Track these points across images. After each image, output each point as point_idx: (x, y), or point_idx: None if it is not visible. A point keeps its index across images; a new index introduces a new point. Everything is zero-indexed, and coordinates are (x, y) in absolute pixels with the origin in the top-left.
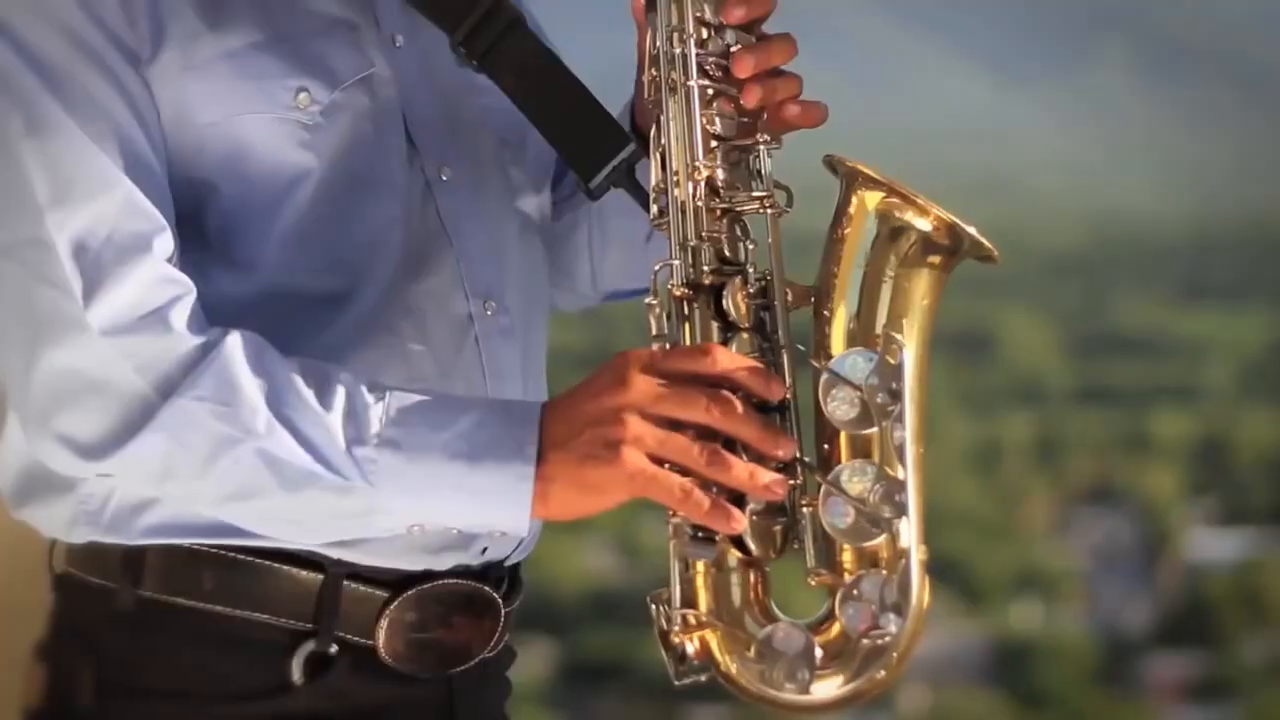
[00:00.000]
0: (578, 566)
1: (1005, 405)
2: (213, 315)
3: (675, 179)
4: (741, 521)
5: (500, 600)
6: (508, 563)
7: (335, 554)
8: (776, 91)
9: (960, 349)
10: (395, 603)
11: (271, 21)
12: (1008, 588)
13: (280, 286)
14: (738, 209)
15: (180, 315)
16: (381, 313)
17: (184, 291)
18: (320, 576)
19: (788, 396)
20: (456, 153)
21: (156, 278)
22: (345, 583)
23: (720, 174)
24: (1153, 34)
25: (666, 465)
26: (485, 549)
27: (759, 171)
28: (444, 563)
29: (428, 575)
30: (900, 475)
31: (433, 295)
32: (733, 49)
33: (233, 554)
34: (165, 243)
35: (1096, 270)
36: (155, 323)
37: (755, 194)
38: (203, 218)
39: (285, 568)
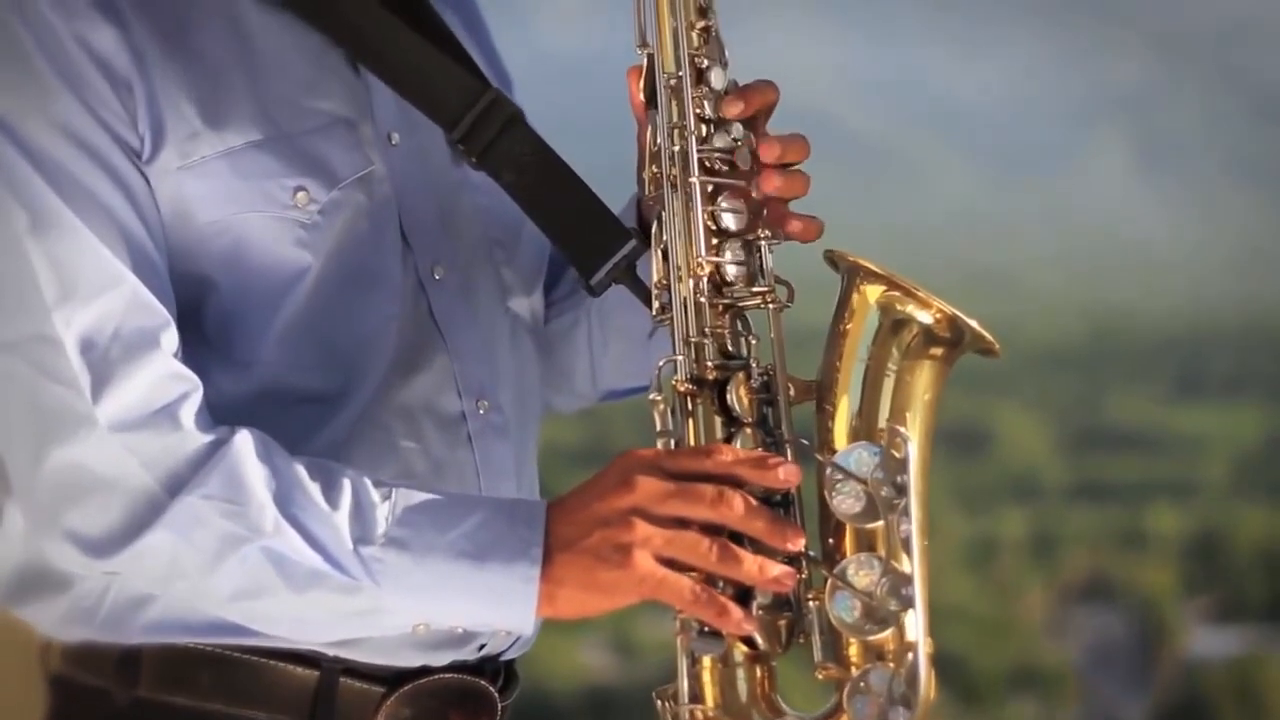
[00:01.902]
0: (573, 663)
1: (1001, 501)
2: (211, 414)
3: (678, 275)
4: (751, 622)
5: (496, 694)
6: (504, 657)
7: (334, 651)
8: (784, 186)
9: (955, 444)
10: (391, 698)
11: (270, 120)
12: (1004, 684)
13: (277, 384)
14: (740, 304)
15: (189, 412)
16: (375, 410)
17: (192, 388)
18: (316, 673)
19: (792, 491)
20: (450, 252)
21: (165, 374)
22: (341, 679)
23: (722, 269)
24: (1149, 127)
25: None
26: (483, 645)
27: (761, 266)
28: (441, 659)
29: (424, 670)
30: (906, 568)
31: (426, 393)
32: (737, 141)
33: (229, 652)
34: (171, 338)
35: (1092, 365)
36: (164, 419)
37: (757, 289)
38: (202, 314)
39: (282, 665)
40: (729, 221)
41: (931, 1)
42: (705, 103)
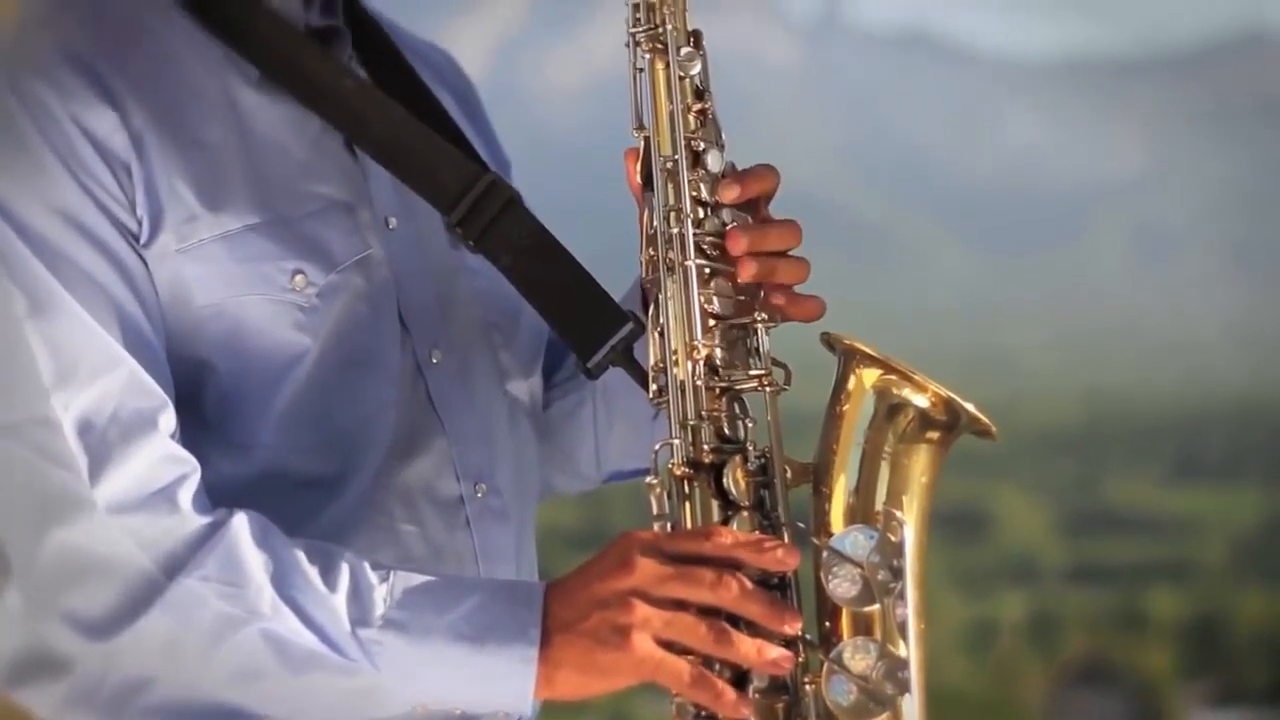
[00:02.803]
0: None
1: (999, 583)
2: (210, 496)
3: (674, 358)
4: (748, 705)
5: None
6: None
7: None
8: (776, 272)
9: (953, 527)
10: None
11: (268, 203)
12: None
13: (276, 467)
14: (737, 387)
15: (186, 494)
16: (374, 493)
17: (190, 470)
18: None
19: (789, 574)
20: (447, 336)
21: (162, 455)
22: None
23: (719, 353)
24: (1142, 213)
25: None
26: None
27: (757, 349)
28: None
29: None
30: (902, 652)
31: (424, 477)
32: (728, 226)
33: None
34: (169, 420)
35: (1090, 448)
36: (162, 501)
37: (754, 372)
38: (200, 397)
39: None
40: (726, 304)
41: (930, 84)
42: (702, 186)
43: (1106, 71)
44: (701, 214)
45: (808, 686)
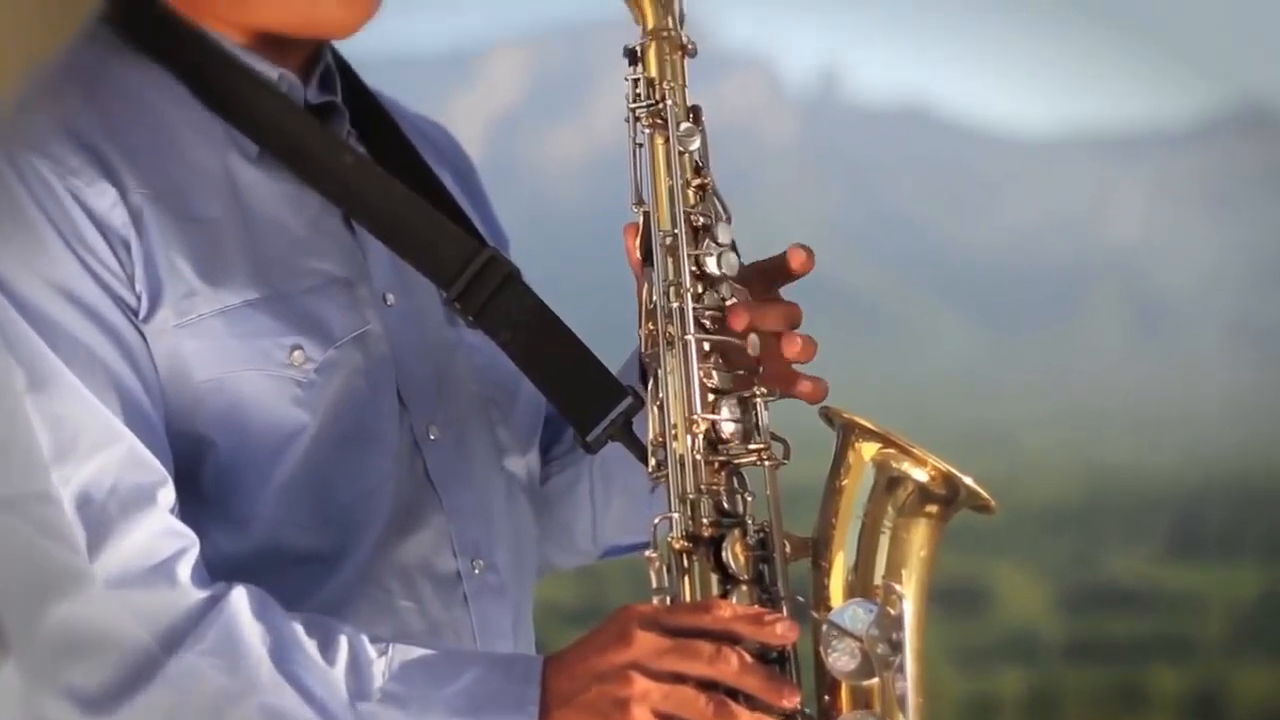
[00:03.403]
0: None
1: (998, 659)
2: (210, 571)
3: (673, 432)
4: None
5: None
6: None
7: None
8: (777, 350)
9: (952, 603)
10: None
11: (266, 279)
12: None
13: (274, 542)
14: (736, 461)
15: (185, 568)
16: (372, 569)
17: (188, 544)
18: None
19: (789, 648)
20: (444, 412)
21: (161, 530)
22: None
23: (718, 426)
24: (1142, 287)
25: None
26: None
27: (756, 424)
28: None
29: None
30: None
31: (422, 553)
32: (729, 302)
33: None
34: (168, 494)
35: (1089, 523)
36: (160, 576)
37: (753, 446)
38: (199, 473)
39: None
40: (725, 379)
41: (929, 158)
42: (706, 259)
43: (1106, 146)
44: (700, 288)
45: None
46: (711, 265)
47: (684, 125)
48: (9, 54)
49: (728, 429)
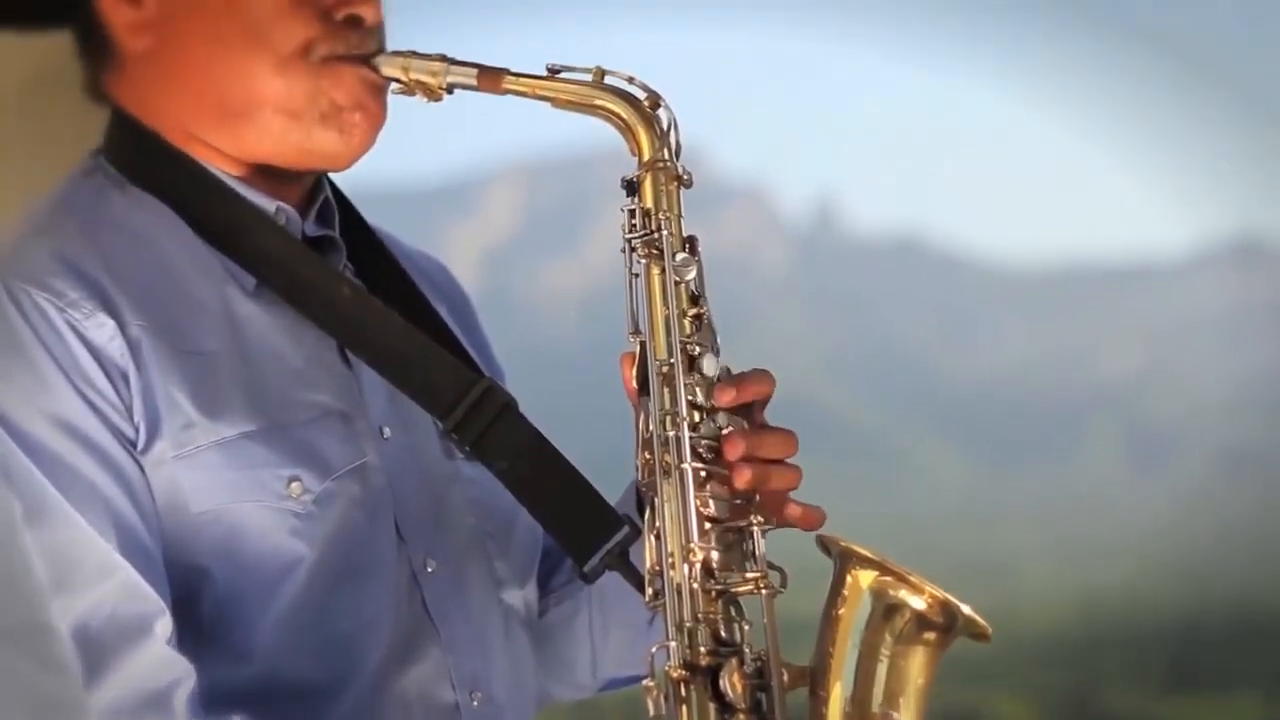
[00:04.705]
0: None
1: None
2: (207, 705)
3: (670, 561)
4: None
5: None
6: None
7: None
8: (770, 479)
9: None
10: None
11: (264, 411)
12: None
13: (273, 674)
14: (733, 590)
15: (181, 699)
16: (370, 702)
17: (185, 675)
18: None
19: None
20: (441, 544)
21: (158, 660)
22: None
23: (715, 555)
24: (1137, 418)
25: None
26: None
27: (753, 552)
28: None
29: None
30: None
31: (420, 685)
32: (724, 431)
33: None
34: (165, 625)
35: (1085, 655)
36: (156, 707)
37: (750, 575)
38: (197, 603)
39: None
40: (721, 508)
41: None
42: (698, 390)
43: (1100, 278)
44: (697, 418)
45: None
46: (702, 397)
47: (680, 255)
48: (8, 187)
49: (725, 558)
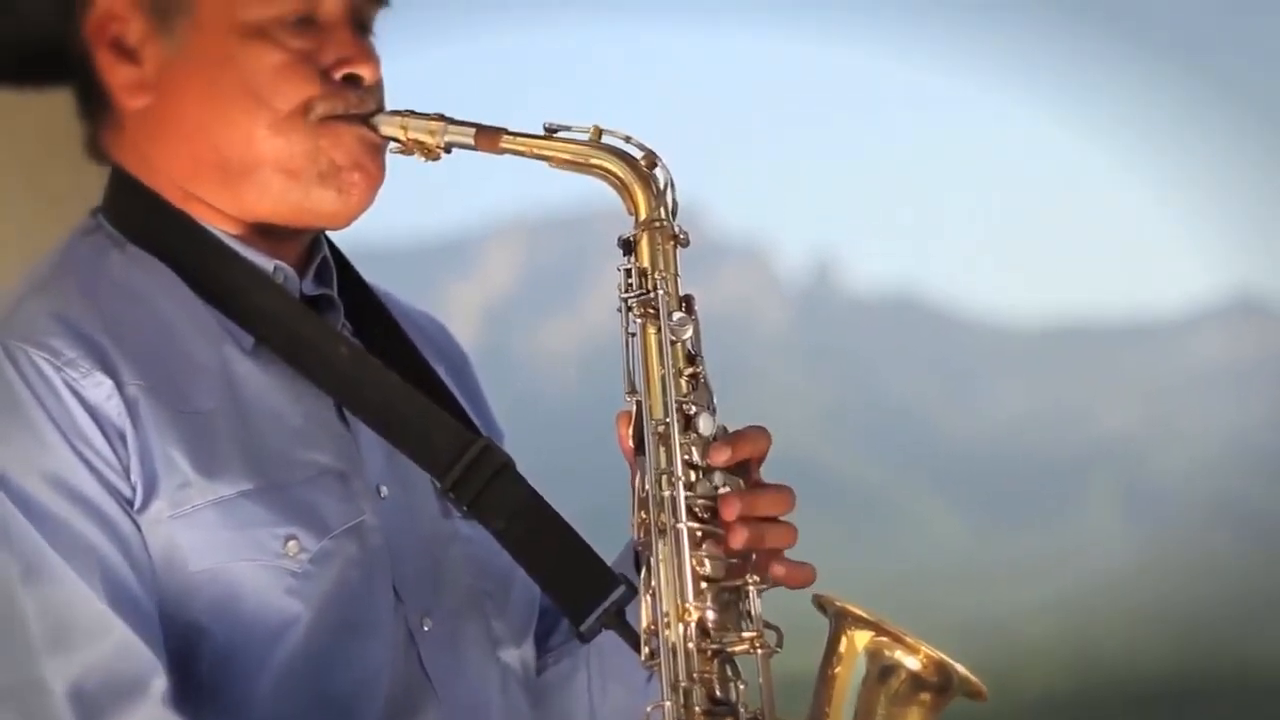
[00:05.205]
0: None
1: None
2: None
3: (666, 620)
4: None
5: None
6: None
7: None
8: (765, 538)
9: None
10: None
11: (261, 470)
12: None
13: None
14: (728, 649)
15: None
16: None
17: None
18: None
19: None
20: (438, 603)
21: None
22: None
23: (711, 615)
24: (1133, 476)
25: None
26: None
27: (749, 612)
28: None
29: None
30: None
31: None
32: (720, 490)
33: None
34: (160, 683)
35: (1083, 715)
36: None
37: (746, 634)
38: (194, 661)
39: None
40: (717, 567)
41: (922, 349)
42: (693, 449)
43: (1096, 337)
44: (693, 477)
45: None
46: (698, 456)
47: (676, 315)
48: (7, 245)
49: (720, 617)
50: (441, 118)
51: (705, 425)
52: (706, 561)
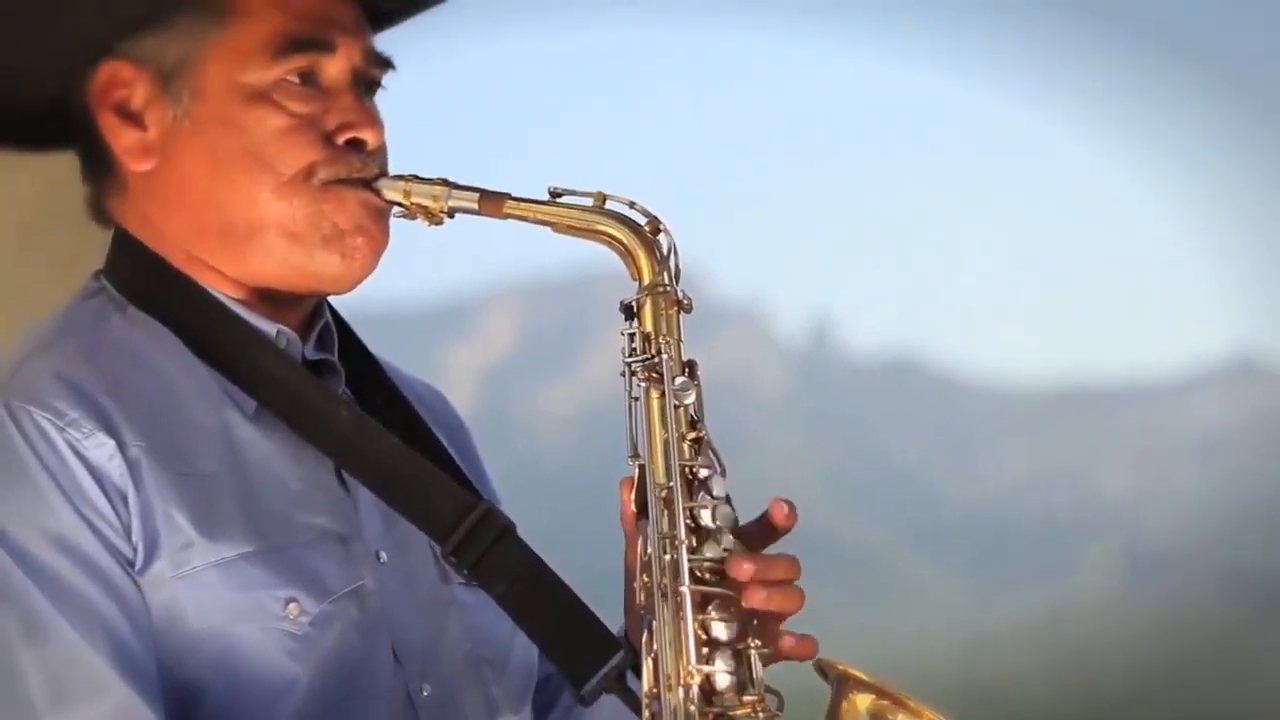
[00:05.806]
0: None
1: None
2: None
3: (668, 684)
4: None
5: None
6: None
7: None
8: (773, 600)
9: None
10: None
11: (263, 532)
12: None
13: None
14: (730, 713)
15: None
16: None
17: None
18: None
19: None
20: (437, 670)
21: None
22: None
23: (712, 679)
24: (1132, 538)
25: None
26: None
27: (751, 675)
28: None
29: None
30: None
31: None
32: (729, 554)
33: None
34: None
35: None
36: None
37: (747, 698)
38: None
39: None
40: (719, 631)
41: (920, 411)
42: (702, 512)
43: (1095, 400)
44: (695, 541)
45: None
46: (706, 518)
47: (679, 379)
48: (11, 307)
49: (722, 681)
50: (445, 182)
51: (717, 487)
52: (708, 625)
